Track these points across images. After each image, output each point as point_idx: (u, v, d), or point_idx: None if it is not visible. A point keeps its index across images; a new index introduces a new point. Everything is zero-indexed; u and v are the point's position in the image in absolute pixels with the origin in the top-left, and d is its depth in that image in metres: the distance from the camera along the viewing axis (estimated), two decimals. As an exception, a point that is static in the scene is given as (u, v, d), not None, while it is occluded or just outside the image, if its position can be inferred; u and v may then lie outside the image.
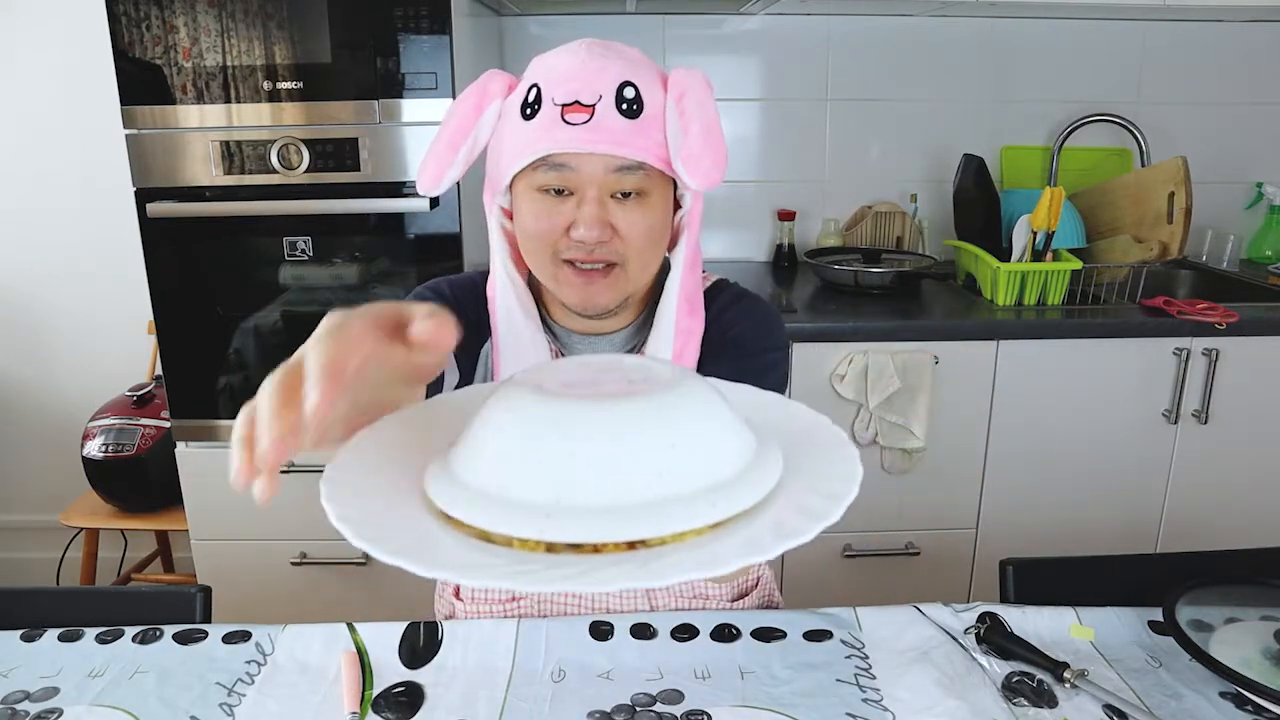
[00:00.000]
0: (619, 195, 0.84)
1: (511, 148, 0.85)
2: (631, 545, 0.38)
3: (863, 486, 0.44)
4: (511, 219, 0.92)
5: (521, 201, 0.87)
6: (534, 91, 0.84)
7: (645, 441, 0.40)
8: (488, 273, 0.96)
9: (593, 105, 0.81)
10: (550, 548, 0.39)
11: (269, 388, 0.43)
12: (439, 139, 0.86)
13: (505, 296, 0.93)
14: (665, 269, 0.94)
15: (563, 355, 0.97)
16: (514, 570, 0.38)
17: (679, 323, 0.91)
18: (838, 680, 0.83)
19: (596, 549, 0.39)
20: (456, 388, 0.93)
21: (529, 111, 0.83)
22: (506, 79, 0.88)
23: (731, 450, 0.42)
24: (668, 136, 0.83)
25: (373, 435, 0.50)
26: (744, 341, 0.95)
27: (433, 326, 0.47)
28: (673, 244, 0.93)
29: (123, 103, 1.66)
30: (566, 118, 0.81)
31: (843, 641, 0.89)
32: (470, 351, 0.96)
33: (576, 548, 0.39)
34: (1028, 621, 0.91)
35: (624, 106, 0.82)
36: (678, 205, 0.92)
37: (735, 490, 0.40)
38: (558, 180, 0.84)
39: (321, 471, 0.45)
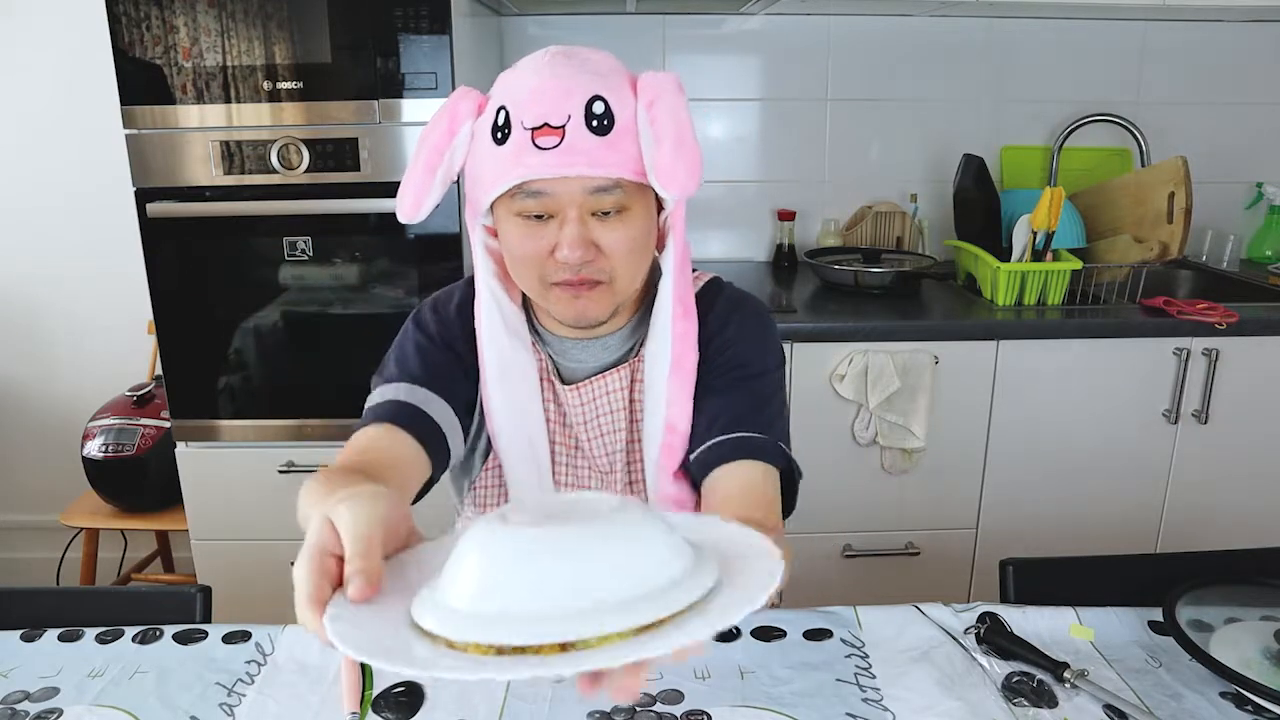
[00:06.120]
0: (599, 213, 0.84)
1: (486, 174, 0.84)
2: (564, 647, 0.46)
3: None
4: (496, 236, 0.91)
5: (504, 225, 0.87)
6: (502, 114, 0.82)
7: (577, 565, 0.49)
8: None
9: (562, 126, 0.80)
10: (499, 650, 0.47)
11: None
12: (414, 165, 0.85)
13: (491, 320, 0.92)
14: (655, 268, 0.93)
15: (555, 367, 0.97)
16: (453, 665, 0.47)
17: (675, 328, 0.90)
18: (838, 680, 0.84)
19: (537, 650, 0.47)
20: (465, 431, 0.94)
21: (499, 136, 0.82)
22: (476, 98, 0.87)
23: (663, 567, 0.51)
24: (641, 147, 0.82)
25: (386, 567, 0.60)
26: (745, 362, 0.94)
27: (360, 590, 0.56)
28: (661, 243, 0.92)
29: (123, 103, 1.66)
30: (537, 142, 0.80)
31: (843, 641, 0.89)
32: (471, 405, 0.96)
33: (520, 650, 0.47)
34: (1028, 621, 0.91)
35: (594, 124, 0.80)
36: (662, 205, 0.91)
37: (661, 600, 0.49)
38: (536, 206, 0.83)
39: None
